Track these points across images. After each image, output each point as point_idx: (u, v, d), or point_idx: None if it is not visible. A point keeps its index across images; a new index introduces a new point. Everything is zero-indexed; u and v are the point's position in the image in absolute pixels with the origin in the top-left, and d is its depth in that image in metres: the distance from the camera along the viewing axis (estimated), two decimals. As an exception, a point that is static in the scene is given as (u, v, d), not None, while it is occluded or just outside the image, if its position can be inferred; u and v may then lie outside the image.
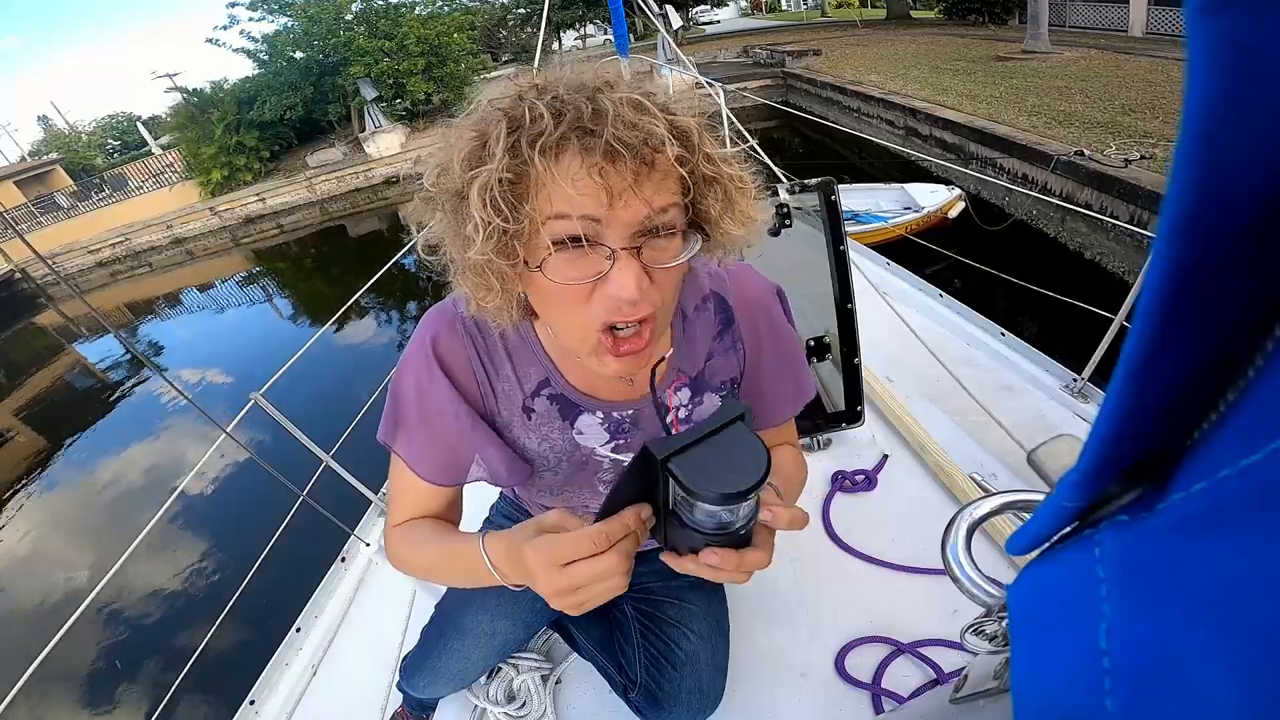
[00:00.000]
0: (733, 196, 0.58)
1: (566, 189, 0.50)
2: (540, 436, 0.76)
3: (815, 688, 1.05)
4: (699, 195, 0.57)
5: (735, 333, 0.78)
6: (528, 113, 0.51)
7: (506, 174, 0.51)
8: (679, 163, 0.52)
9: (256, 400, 1.51)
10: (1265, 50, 0.11)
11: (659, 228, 0.54)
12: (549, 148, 0.50)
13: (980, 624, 0.37)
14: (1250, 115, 0.12)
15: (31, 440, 8.20)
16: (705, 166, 0.55)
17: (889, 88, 10.26)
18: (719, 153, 0.57)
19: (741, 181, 0.59)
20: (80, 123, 35.14)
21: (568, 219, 0.51)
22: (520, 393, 0.74)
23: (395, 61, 16.46)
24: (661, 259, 0.55)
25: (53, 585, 4.98)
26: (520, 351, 0.73)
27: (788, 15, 35.03)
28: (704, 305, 0.77)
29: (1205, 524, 0.16)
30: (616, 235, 0.52)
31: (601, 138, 0.49)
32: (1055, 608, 0.24)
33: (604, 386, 0.75)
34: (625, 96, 0.51)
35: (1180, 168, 0.13)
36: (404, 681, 1.11)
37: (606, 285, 0.54)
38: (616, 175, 0.50)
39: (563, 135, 0.49)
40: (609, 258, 0.53)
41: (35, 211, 17.22)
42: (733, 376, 0.80)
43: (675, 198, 0.55)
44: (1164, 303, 0.14)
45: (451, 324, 0.72)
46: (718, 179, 0.56)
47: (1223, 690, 0.14)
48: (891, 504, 1.39)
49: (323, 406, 4.66)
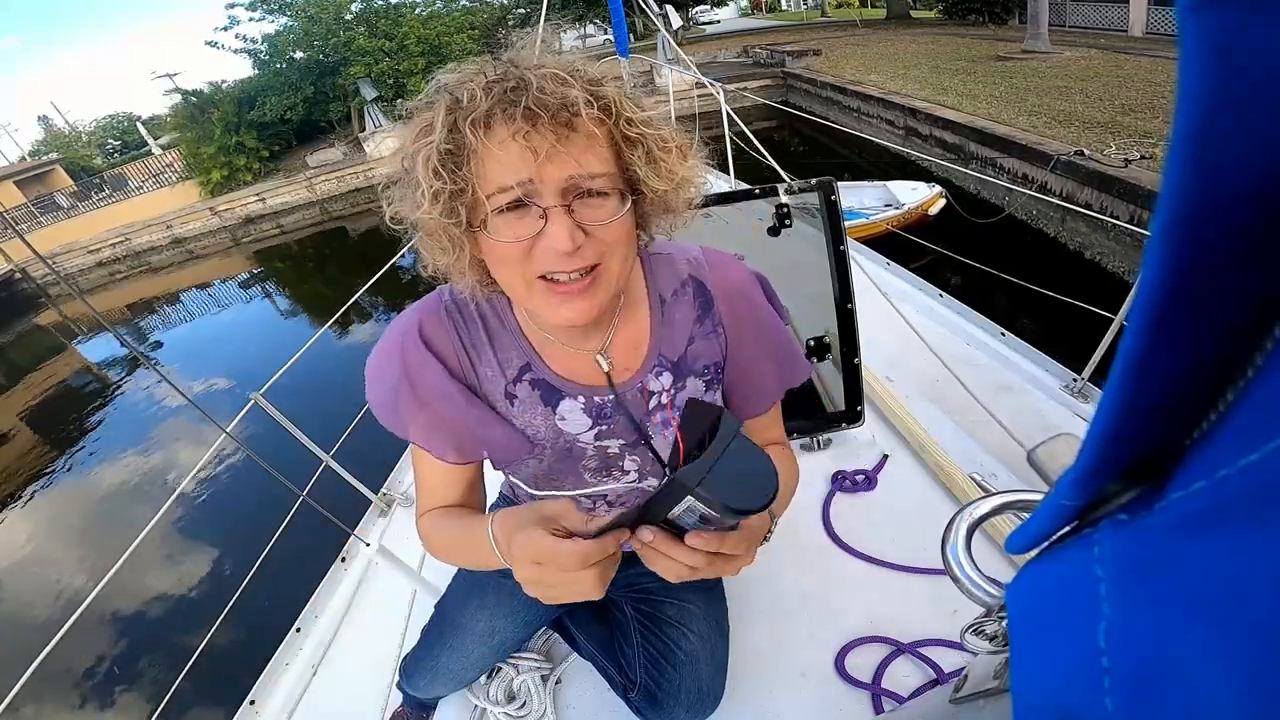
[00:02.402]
0: (655, 155, 0.63)
1: (495, 152, 0.57)
2: (523, 422, 0.76)
3: (815, 688, 1.05)
4: (624, 156, 0.62)
5: (715, 317, 0.79)
6: (465, 93, 0.58)
7: (446, 145, 0.58)
8: (598, 124, 0.59)
9: (256, 400, 1.51)
10: (1258, 48, 0.11)
11: (591, 191, 0.60)
12: (479, 120, 0.57)
13: (980, 624, 0.37)
14: (1243, 113, 0.12)
15: (31, 440, 8.20)
16: (626, 128, 0.61)
17: (889, 87, 10.26)
18: (640, 115, 0.62)
19: (664, 140, 0.64)
20: (80, 123, 35.19)
21: (507, 190, 0.58)
22: (503, 378, 0.75)
23: (395, 61, 16.46)
24: (597, 217, 0.61)
25: (53, 585, 4.98)
26: (500, 336, 0.75)
27: (788, 15, 35.04)
28: (682, 290, 0.78)
29: (1205, 523, 0.16)
30: (549, 193, 0.58)
31: (520, 105, 0.55)
32: (1055, 607, 0.24)
33: (584, 373, 0.76)
34: (549, 71, 0.58)
35: (1173, 166, 0.13)
36: (404, 681, 1.11)
37: (541, 239, 0.59)
38: (539, 136, 0.56)
39: (489, 109, 0.56)
40: (542, 216, 0.59)
41: (35, 211, 17.22)
42: (715, 361, 0.80)
43: (606, 165, 0.60)
44: (1160, 302, 0.14)
45: (435, 310, 0.74)
46: (641, 140, 0.62)
47: (1222, 690, 0.14)
48: (891, 504, 1.38)
49: (323, 406, 4.66)
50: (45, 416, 8.93)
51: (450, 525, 0.77)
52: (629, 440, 0.80)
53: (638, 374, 0.77)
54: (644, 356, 0.76)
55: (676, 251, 0.80)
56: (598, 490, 0.85)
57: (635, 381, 0.77)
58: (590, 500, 0.88)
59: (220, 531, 4.88)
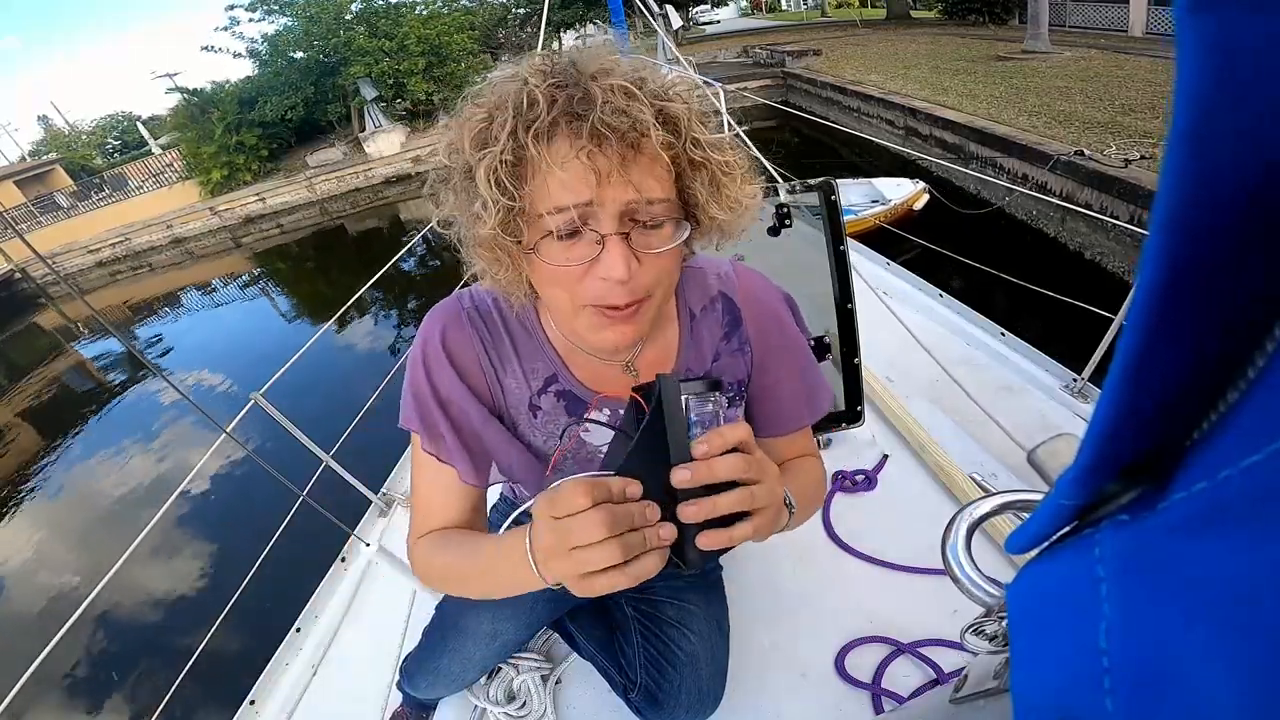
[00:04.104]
0: (720, 181, 0.60)
1: (557, 171, 0.53)
2: (545, 435, 0.76)
3: (815, 688, 1.05)
4: (686, 180, 0.59)
5: (743, 335, 0.78)
6: (526, 99, 0.54)
7: (508, 156, 0.54)
8: (665, 147, 0.55)
9: (256, 400, 1.51)
10: (1255, 49, 0.11)
11: (647, 221, 0.57)
12: (541, 132, 0.53)
13: (980, 624, 0.37)
14: (1240, 114, 0.12)
15: (31, 440, 8.20)
16: (692, 151, 0.57)
17: (889, 87, 10.25)
18: (708, 138, 0.58)
19: (729, 167, 0.60)
20: (80, 123, 35.18)
21: (565, 211, 0.54)
22: (528, 389, 0.74)
23: (395, 61, 16.46)
24: (652, 245, 0.58)
25: (53, 585, 4.98)
26: (526, 346, 0.73)
27: (788, 15, 35.03)
28: (711, 306, 0.77)
29: (1207, 523, 0.16)
30: (607, 218, 0.55)
31: (588, 121, 0.51)
32: (1055, 607, 0.24)
33: (610, 383, 0.75)
34: (616, 84, 0.53)
35: (1171, 166, 0.13)
36: (405, 682, 1.11)
37: (597, 267, 0.57)
38: (603, 157, 0.53)
39: (554, 120, 0.53)
40: (598, 242, 0.56)
41: (35, 211, 17.22)
42: (740, 378, 0.79)
43: (665, 191, 0.57)
44: (1158, 301, 0.14)
45: (458, 318, 0.72)
46: (705, 164, 0.58)
47: (1223, 690, 0.14)
48: (891, 504, 1.38)
49: (323, 406, 4.66)
50: (45, 416, 8.93)
51: (462, 541, 0.70)
52: None
53: None
54: (670, 369, 0.76)
55: (708, 265, 0.78)
56: None
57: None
58: None
59: (220, 531, 4.88)
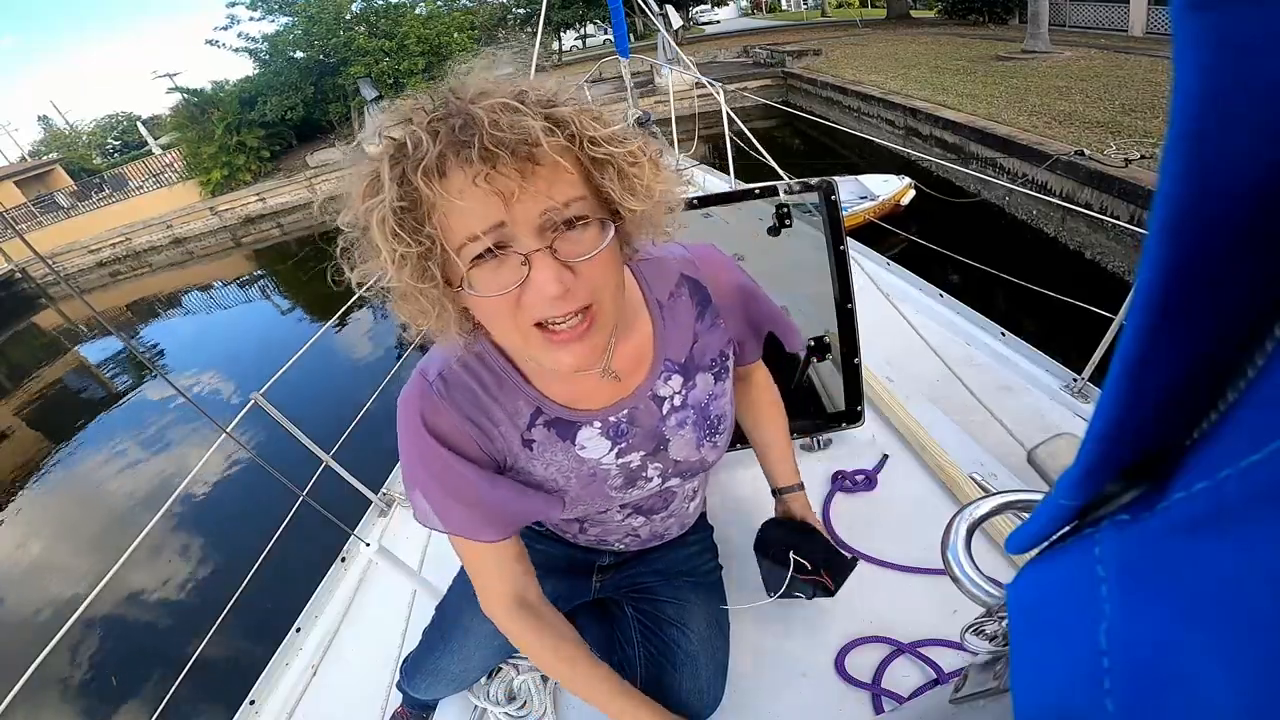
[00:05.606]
0: (627, 172, 0.57)
1: (457, 202, 0.51)
2: (544, 463, 0.76)
3: (815, 688, 1.05)
4: (595, 180, 0.57)
5: (714, 309, 0.80)
6: (409, 139, 0.52)
7: (400, 202, 0.52)
8: (562, 152, 0.53)
9: (257, 400, 1.51)
10: (1254, 46, 0.11)
11: (569, 220, 0.54)
12: (431, 169, 0.51)
13: (980, 624, 0.37)
14: (1238, 112, 0.12)
15: (31, 440, 8.20)
16: (592, 149, 0.55)
17: (889, 87, 10.25)
18: (605, 133, 0.56)
19: (634, 156, 0.58)
20: (80, 123, 35.17)
21: (477, 240, 0.52)
22: (516, 429, 0.74)
23: (395, 61, 16.47)
24: (580, 250, 0.56)
25: (53, 586, 4.98)
26: (501, 391, 0.73)
27: (788, 15, 35.02)
28: (678, 291, 0.78)
29: (1206, 524, 0.16)
30: (525, 235, 0.53)
31: (474, 146, 0.49)
32: (1055, 607, 0.24)
33: (593, 394, 0.75)
34: (497, 102, 0.51)
35: (1170, 165, 0.13)
36: (405, 682, 1.11)
37: (528, 288, 0.54)
38: (502, 177, 0.51)
39: (440, 154, 0.50)
40: (524, 263, 0.54)
41: (35, 211, 17.22)
42: (721, 349, 0.81)
43: (578, 190, 0.55)
44: (1157, 301, 0.14)
45: (430, 399, 0.71)
46: (609, 159, 0.56)
47: (1223, 690, 0.14)
48: (891, 504, 1.38)
49: (323, 406, 4.66)
50: (44, 416, 8.93)
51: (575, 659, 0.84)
52: (649, 450, 0.81)
53: (646, 381, 0.77)
54: (650, 363, 0.76)
55: (663, 253, 0.79)
56: (624, 500, 0.86)
57: (645, 390, 0.77)
58: (620, 511, 0.90)
59: (220, 531, 4.88)
